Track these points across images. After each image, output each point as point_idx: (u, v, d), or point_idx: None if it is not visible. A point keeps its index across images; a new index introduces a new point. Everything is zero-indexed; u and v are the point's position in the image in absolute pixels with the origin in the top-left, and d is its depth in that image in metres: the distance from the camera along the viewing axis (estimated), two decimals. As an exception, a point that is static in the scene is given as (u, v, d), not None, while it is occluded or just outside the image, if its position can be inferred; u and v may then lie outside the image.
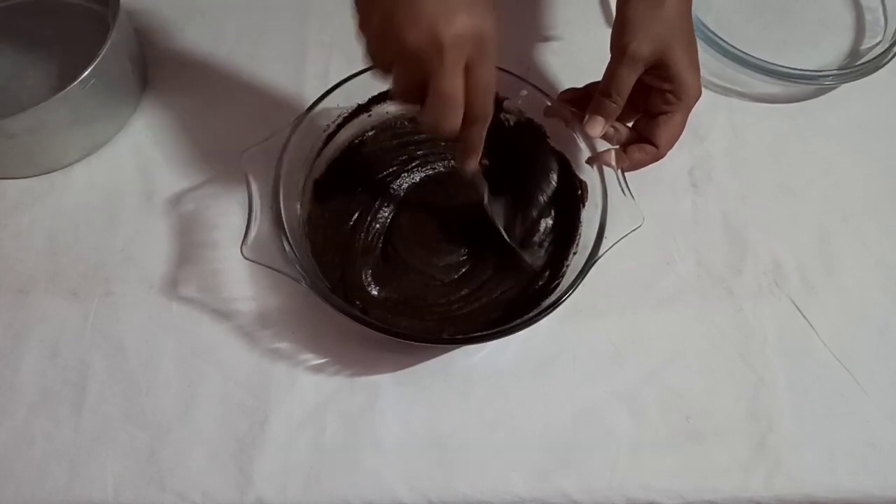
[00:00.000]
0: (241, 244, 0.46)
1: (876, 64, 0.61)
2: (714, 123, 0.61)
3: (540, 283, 0.52)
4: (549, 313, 0.46)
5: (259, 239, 0.47)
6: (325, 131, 0.53)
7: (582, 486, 0.48)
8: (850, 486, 0.49)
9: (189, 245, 0.55)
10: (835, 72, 0.62)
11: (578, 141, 0.52)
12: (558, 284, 0.50)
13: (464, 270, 0.54)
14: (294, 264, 0.46)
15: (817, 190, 0.59)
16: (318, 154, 0.54)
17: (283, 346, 0.52)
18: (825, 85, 0.63)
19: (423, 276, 0.53)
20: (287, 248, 0.47)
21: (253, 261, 0.46)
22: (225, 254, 0.54)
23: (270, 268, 0.46)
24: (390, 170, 0.57)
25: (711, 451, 0.49)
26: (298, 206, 0.52)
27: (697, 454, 0.49)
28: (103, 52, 0.53)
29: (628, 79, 0.50)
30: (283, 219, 0.48)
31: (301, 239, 0.51)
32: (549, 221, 0.55)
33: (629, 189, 0.50)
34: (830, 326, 0.53)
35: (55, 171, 0.58)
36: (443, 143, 0.58)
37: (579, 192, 0.53)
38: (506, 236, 0.52)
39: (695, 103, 0.52)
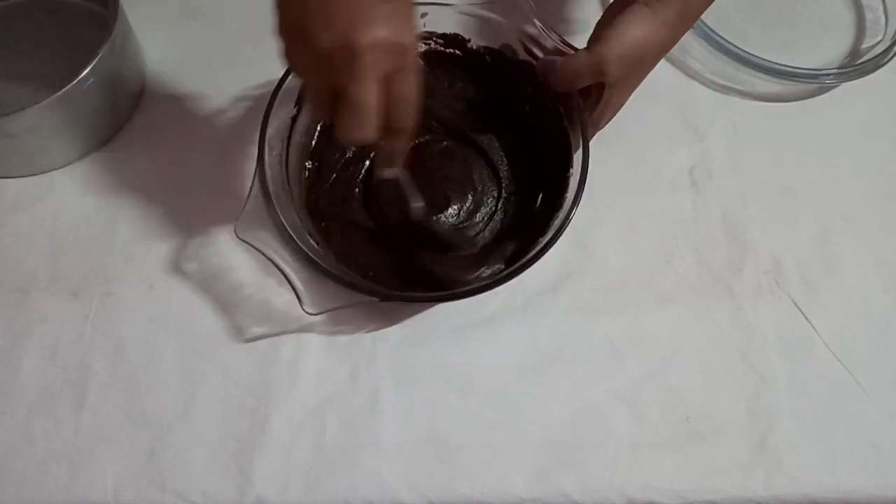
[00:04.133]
0: (235, 223, 0.46)
1: (876, 63, 0.61)
2: (714, 122, 0.61)
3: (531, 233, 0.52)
4: (540, 257, 0.46)
5: (254, 221, 0.47)
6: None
7: (582, 486, 0.48)
8: (850, 487, 0.49)
9: (189, 245, 0.55)
10: (835, 71, 0.62)
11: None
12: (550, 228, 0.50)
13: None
14: (283, 233, 0.46)
15: (818, 188, 0.59)
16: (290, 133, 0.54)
17: (284, 345, 0.52)
18: (826, 84, 0.63)
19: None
20: (275, 214, 0.47)
21: (244, 241, 0.46)
22: (226, 254, 0.54)
23: (259, 250, 0.46)
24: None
25: (711, 451, 0.49)
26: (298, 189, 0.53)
27: (697, 454, 0.49)
28: (102, 51, 0.53)
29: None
30: (269, 186, 0.47)
31: (302, 215, 0.51)
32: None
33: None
34: (831, 326, 0.53)
35: (55, 170, 0.58)
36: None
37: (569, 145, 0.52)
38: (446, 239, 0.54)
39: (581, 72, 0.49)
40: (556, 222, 0.49)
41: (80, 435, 0.49)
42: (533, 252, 0.47)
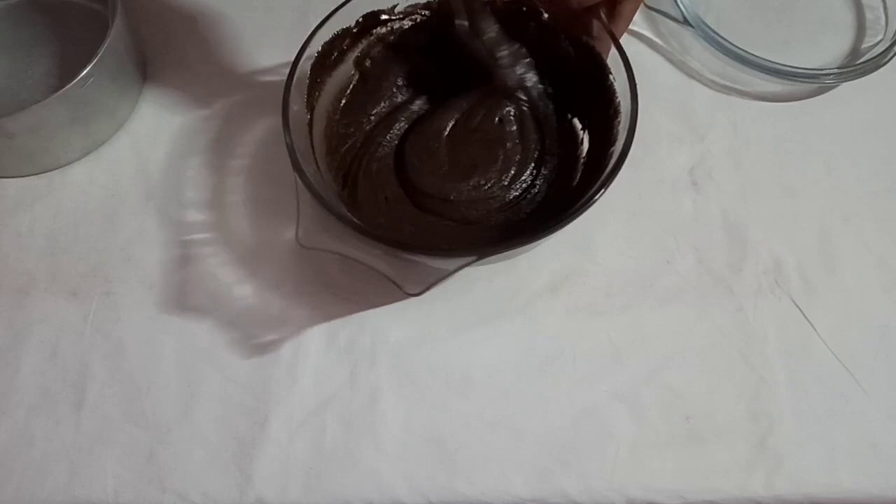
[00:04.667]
0: (296, 234, 0.46)
1: (876, 63, 0.61)
2: (714, 122, 0.61)
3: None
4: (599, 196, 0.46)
5: (312, 226, 0.46)
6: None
7: (582, 487, 0.48)
8: (851, 487, 0.48)
9: (189, 244, 0.55)
10: (835, 70, 0.62)
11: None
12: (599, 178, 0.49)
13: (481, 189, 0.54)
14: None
15: (818, 189, 0.59)
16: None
17: (284, 346, 0.52)
18: (826, 84, 0.63)
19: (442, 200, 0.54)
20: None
21: (312, 248, 0.46)
22: (225, 253, 0.54)
23: (333, 252, 0.46)
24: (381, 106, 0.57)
25: (711, 452, 0.49)
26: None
27: (697, 454, 0.49)
28: (102, 50, 0.53)
29: None
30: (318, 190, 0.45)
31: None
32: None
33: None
34: (831, 326, 0.53)
35: (55, 170, 0.58)
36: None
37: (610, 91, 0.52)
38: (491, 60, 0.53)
39: None
40: (620, 126, 0.49)
41: (80, 435, 0.49)
42: (609, 167, 0.47)
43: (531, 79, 0.55)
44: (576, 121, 0.56)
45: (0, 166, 0.57)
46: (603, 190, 0.47)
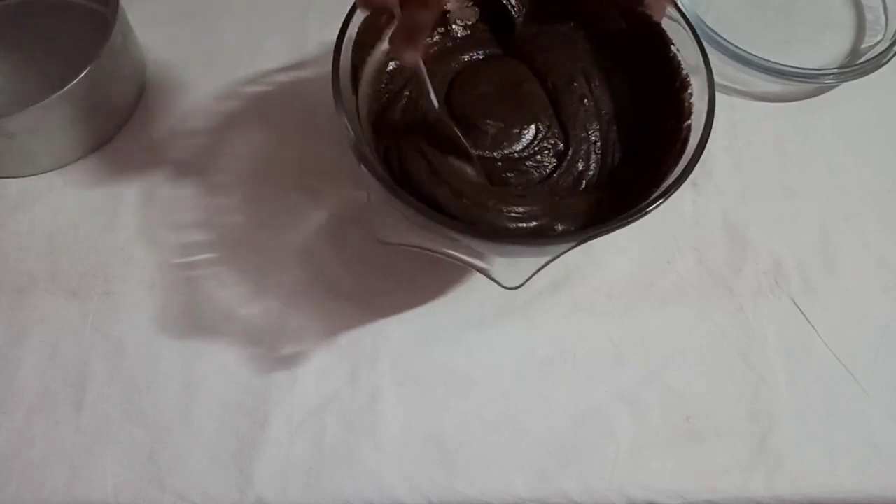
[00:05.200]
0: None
1: (876, 63, 0.61)
2: (715, 122, 0.61)
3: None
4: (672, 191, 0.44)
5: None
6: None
7: (582, 487, 0.48)
8: (851, 487, 0.49)
9: (189, 244, 0.55)
10: (835, 70, 0.62)
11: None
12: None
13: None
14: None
15: (818, 189, 0.59)
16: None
17: (284, 345, 0.52)
18: (826, 84, 0.63)
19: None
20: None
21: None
22: (225, 252, 0.54)
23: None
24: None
25: (712, 452, 0.49)
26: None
27: (698, 454, 0.49)
28: (102, 51, 0.53)
29: None
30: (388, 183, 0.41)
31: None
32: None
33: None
34: (831, 326, 0.53)
35: (55, 170, 0.57)
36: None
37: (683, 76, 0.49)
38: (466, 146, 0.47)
39: None
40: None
41: (80, 435, 0.49)
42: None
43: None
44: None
45: (0, 166, 0.57)
46: (697, 160, 0.45)
